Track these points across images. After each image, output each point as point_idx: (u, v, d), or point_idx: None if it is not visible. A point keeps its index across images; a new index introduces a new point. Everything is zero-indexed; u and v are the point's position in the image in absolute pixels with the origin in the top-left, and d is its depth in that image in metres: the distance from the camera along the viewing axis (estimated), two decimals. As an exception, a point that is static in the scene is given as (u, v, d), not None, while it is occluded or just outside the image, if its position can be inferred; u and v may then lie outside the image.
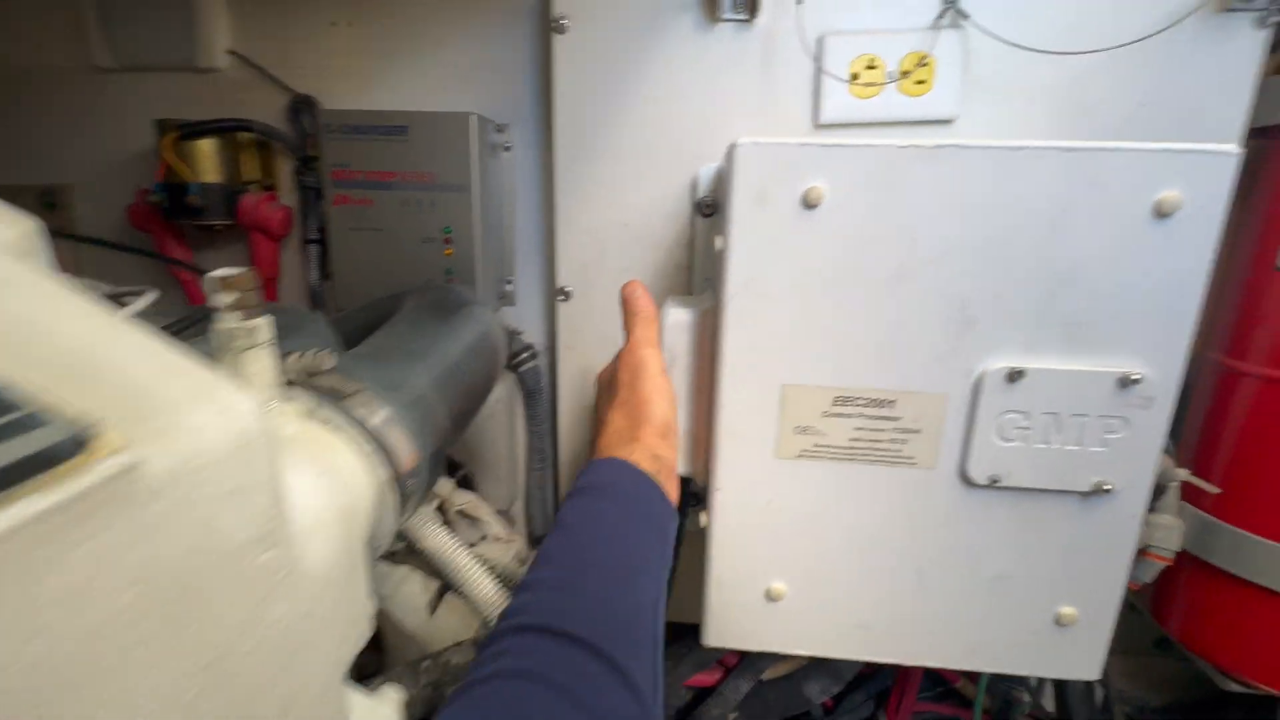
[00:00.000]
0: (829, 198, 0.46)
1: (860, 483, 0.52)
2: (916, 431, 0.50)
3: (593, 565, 0.37)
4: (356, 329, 0.46)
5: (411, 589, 0.47)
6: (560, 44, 0.68)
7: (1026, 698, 0.82)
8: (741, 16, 0.64)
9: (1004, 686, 0.82)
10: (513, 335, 0.85)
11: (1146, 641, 0.90)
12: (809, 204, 0.46)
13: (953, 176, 0.45)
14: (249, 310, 0.22)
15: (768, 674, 0.88)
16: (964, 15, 0.62)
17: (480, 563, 0.38)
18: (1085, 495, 0.50)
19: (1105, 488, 0.49)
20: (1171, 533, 0.63)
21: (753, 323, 0.49)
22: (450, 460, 0.63)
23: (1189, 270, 0.45)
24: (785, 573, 0.55)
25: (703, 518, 0.56)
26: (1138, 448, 0.48)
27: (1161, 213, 0.44)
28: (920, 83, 0.63)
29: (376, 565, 0.49)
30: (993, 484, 0.50)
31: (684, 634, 0.85)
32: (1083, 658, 0.55)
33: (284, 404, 0.26)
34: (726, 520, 0.54)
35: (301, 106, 0.81)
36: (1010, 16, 0.62)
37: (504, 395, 0.83)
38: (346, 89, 0.80)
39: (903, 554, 0.54)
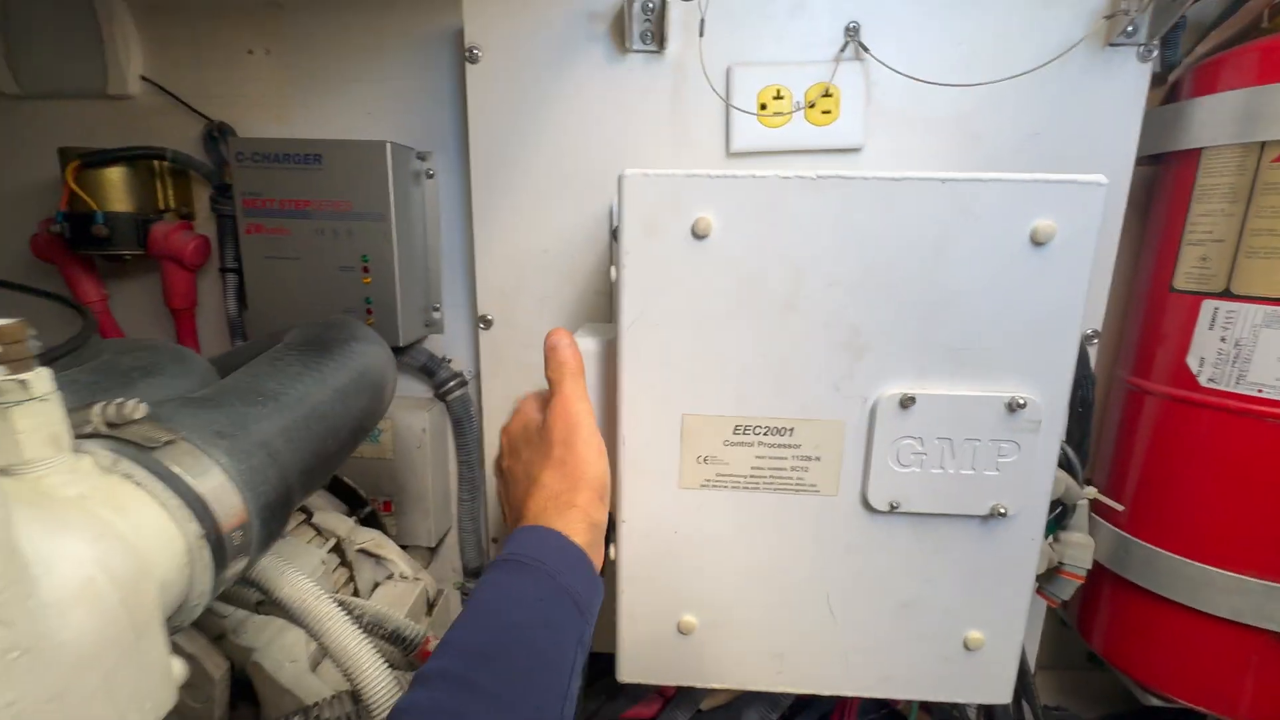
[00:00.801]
0: (718, 228, 0.46)
1: (765, 511, 0.52)
2: (816, 459, 0.50)
3: (499, 657, 0.35)
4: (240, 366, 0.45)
5: (290, 641, 0.45)
6: (473, 73, 0.68)
7: (970, 713, 0.81)
8: (650, 48, 0.65)
9: (943, 705, 0.82)
10: (441, 363, 0.83)
11: (1080, 657, 0.91)
12: (698, 234, 0.46)
13: (836, 207, 0.46)
14: (18, 363, 0.21)
15: (706, 704, 0.86)
16: (864, 48, 0.63)
17: (348, 613, 0.36)
18: (984, 519, 0.51)
19: (1001, 511, 0.50)
20: (1083, 551, 0.64)
21: (650, 353, 0.49)
22: (354, 494, 0.60)
23: (1067, 296, 0.46)
24: (696, 604, 0.54)
25: (612, 550, 0.54)
26: (1030, 471, 0.49)
27: (1037, 241, 0.45)
28: (826, 113, 0.65)
29: (251, 617, 0.46)
30: (893, 510, 0.50)
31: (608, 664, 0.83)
32: (993, 681, 0.54)
33: (72, 461, 0.24)
34: (634, 552, 0.53)
35: (217, 134, 0.79)
36: (908, 49, 0.64)
37: (430, 425, 0.81)
38: (264, 117, 0.79)
39: (811, 582, 0.53)
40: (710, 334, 0.48)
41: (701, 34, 0.61)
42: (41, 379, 0.22)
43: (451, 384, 0.82)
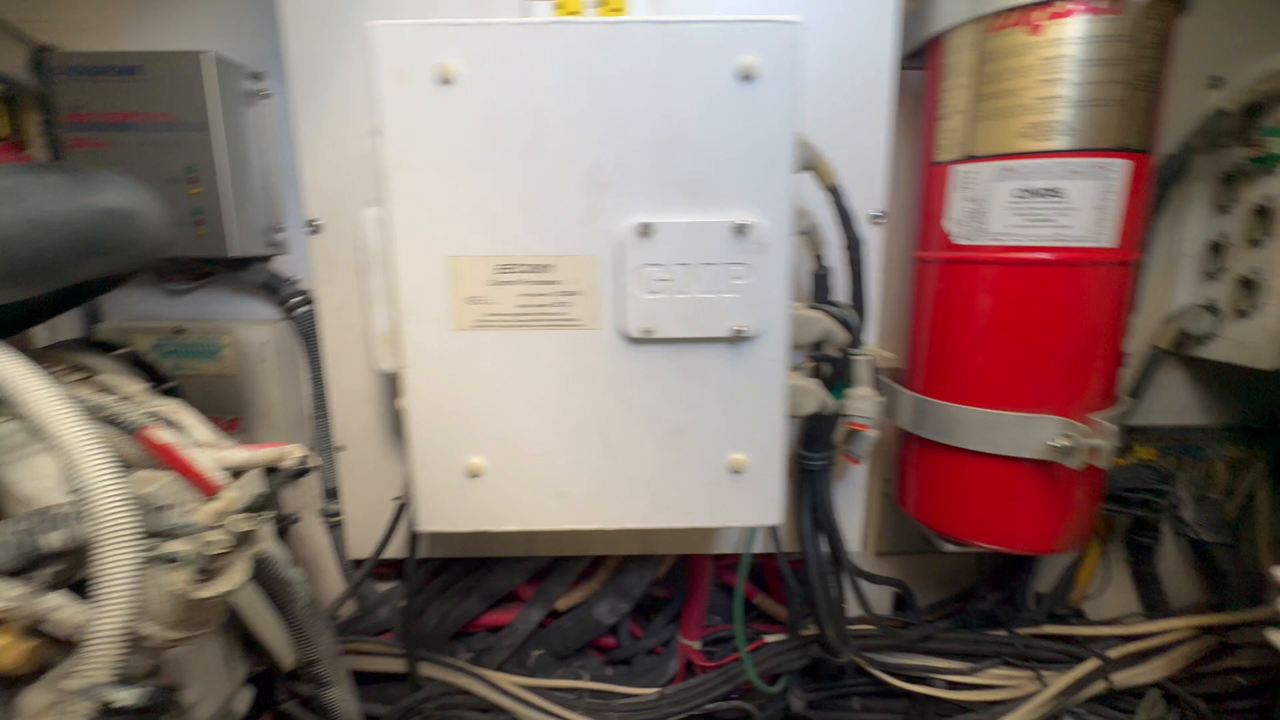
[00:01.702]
0: (462, 73, 0.51)
1: (535, 349, 0.56)
2: (577, 294, 0.55)
3: None
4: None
5: (41, 461, 0.46)
6: (284, -26, 0.71)
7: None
8: (449, -48, 0.69)
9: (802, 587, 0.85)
10: (284, 281, 0.85)
11: (920, 541, 0.97)
12: (445, 79, 0.51)
13: (566, 51, 0.50)
14: None
15: (561, 603, 0.89)
16: (644, -51, 0.69)
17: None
18: (731, 343, 0.56)
19: (741, 331, 0.55)
20: (866, 403, 0.69)
21: (412, 199, 0.53)
22: (155, 373, 0.62)
23: (777, 126, 0.52)
24: (481, 447, 0.58)
25: (400, 402, 0.57)
26: (764, 292, 0.54)
27: (745, 76, 0.51)
28: (615, 9, 0.70)
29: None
30: (647, 336, 0.55)
31: (464, 568, 0.84)
32: (761, 503, 0.59)
33: None
34: (420, 398, 0.57)
35: (44, 57, 0.80)
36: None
37: (274, 339, 0.83)
38: (94, 41, 0.80)
39: (585, 417, 0.57)
40: (465, 176, 0.52)
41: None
42: None
43: (296, 300, 0.84)
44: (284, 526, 0.95)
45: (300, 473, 0.49)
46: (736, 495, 0.59)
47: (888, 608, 0.98)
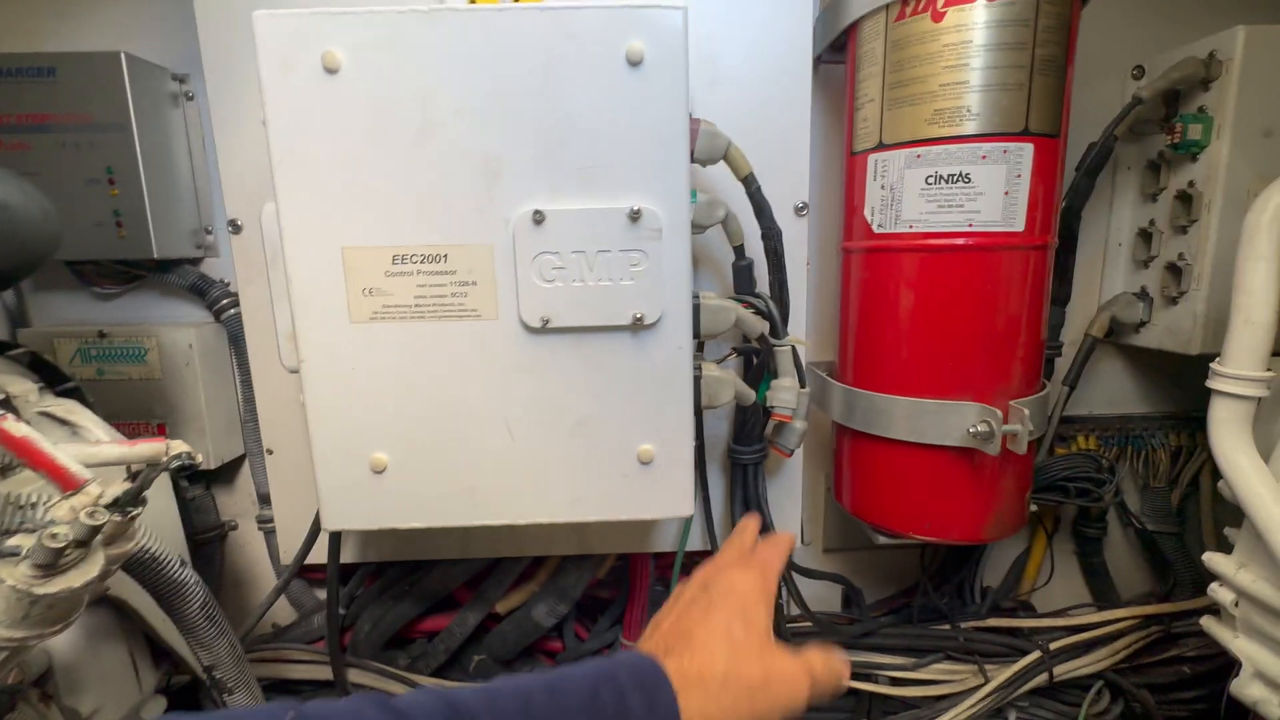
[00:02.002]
0: (347, 63, 0.50)
1: (434, 340, 0.55)
2: (474, 283, 0.54)
3: None
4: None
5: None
6: (196, -25, 0.70)
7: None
8: (363, -50, 0.69)
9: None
10: (213, 283, 0.84)
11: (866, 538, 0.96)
12: (329, 69, 0.50)
13: (453, 38, 0.50)
14: None
15: (502, 605, 0.88)
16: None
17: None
18: (633, 331, 0.55)
19: (643, 319, 0.54)
20: (789, 393, 0.69)
21: (303, 189, 0.52)
22: (56, 372, 0.61)
23: (669, 111, 0.51)
24: (384, 443, 0.57)
25: (301, 397, 0.56)
26: (663, 279, 0.54)
27: (633, 61, 0.50)
28: None
29: None
30: (545, 326, 0.54)
31: (400, 572, 0.83)
32: (672, 495, 0.58)
33: None
34: (318, 393, 0.55)
35: (-37, 62, 0.79)
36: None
37: (199, 342, 0.82)
38: (12, 44, 0.80)
39: (489, 409, 0.56)
40: (356, 166, 0.52)
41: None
42: None
43: (224, 302, 0.83)
44: (222, 534, 0.94)
45: (184, 469, 0.48)
46: (647, 487, 0.58)
47: (838, 604, 0.98)
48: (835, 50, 0.75)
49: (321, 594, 0.92)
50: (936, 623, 0.88)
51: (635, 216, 0.52)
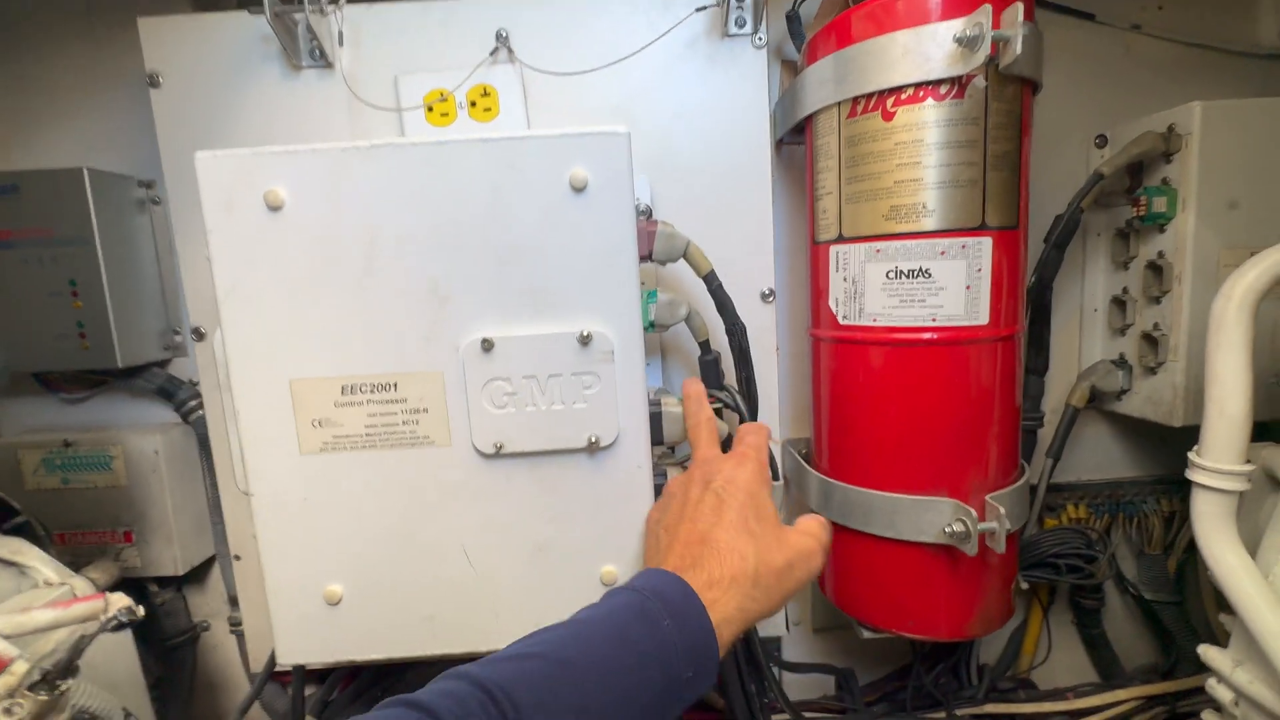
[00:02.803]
0: (289, 200, 0.50)
1: (388, 469, 0.54)
2: (425, 410, 0.53)
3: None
4: None
5: None
6: (157, 97, 0.71)
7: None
8: (320, 64, 0.70)
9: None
10: (181, 384, 0.83)
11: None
12: (272, 206, 0.50)
13: (395, 172, 0.50)
14: None
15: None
16: (511, 51, 0.70)
17: None
18: (590, 453, 0.54)
19: (598, 441, 0.53)
20: (761, 490, 0.67)
21: (249, 323, 0.51)
22: (3, 504, 0.59)
23: (616, 234, 0.51)
24: (339, 573, 0.55)
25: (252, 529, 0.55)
26: (618, 399, 0.53)
27: (576, 187, 0.50)
28: (487, 110, 0.71)
29: None
30: (499, 451, 0.53)
31: (376, 673, 0.81)
32: (638, 615, 0.56)
33: None
34: (269, 524, 0.54)
35: (-69, 178, 0.80)
36: (555, 49, 0.71)
37: (165, 447, 0.80)
38: (-18, 160, 0.81)
39: (446, 536, 0.55)
40: (302, 299, 0.51)
41: (341, 44, 0.66)
42: None
43: (192, 404, 0.82)
44: (194, 635, 0.91)
45: (125, 624, 0.46)
46: (611, 608, 0.56)
47: (831, 686, 0.94)
48: (797, 132, 0.75)
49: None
50: (932, 709, 0.85)
51: (585, 340, 0.51)
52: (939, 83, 0.58)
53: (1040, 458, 0.86)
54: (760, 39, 0.71)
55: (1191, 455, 0.61)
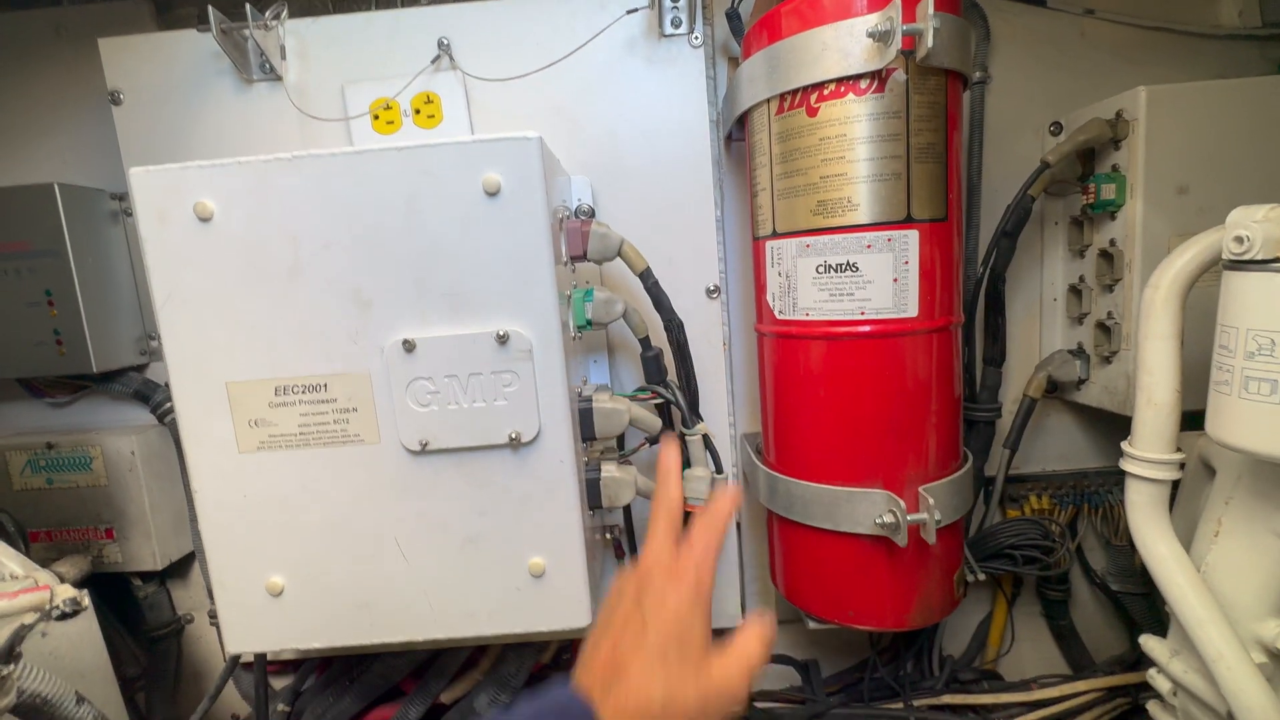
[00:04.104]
0: (217, 210, 0.52)
1: (321, 466, 0.56)
2: (354, 410, 0.55)
3: None
4: None
5: None
6: (119, 114, 0.74)
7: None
8: (271, 77, 0.73)
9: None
10: (156, 387, 0.87)
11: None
12: (202, 217, 0.52)
13: (316, 181, 0.52)
14: None
15: (446, 695, 0.87)
16: (452, 58, 0.72)
17: None
18: (514, 449, 0.55)
19: (519, 437, 0.54)
20: (701, 483, 0.69)
21: (185, 329, 0.54)
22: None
23: (530, 236, 0.52)
24: (280, 565, 0.57)
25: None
26: (538, 397, 0.54)
27: (490, 192, 0.52)
28: (431, 117, 0.72)
29: None
30: (425, 448, 0.55)
31: (347, 663, 0.84)
32: (566, 606, 0.58)
33: None
34: (212, 520, 0.57)
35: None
36: (494, 55, 0.72)
37: (141, 448, 0.84)
38: (-32, 177, 0.85)
39: (378, 530, 0.57)
40: (235, 305, 0.54)
41: (284, 57, 0.69)
42: None
43: (167, 405, 0.86)
44: (178, 628, 0.95)
45: (67, 615, 0.49)
46: (541, 599, 0.58)
47: (797, 677, 0.95)
48: (741, 128, 0.75)
49: (278, 684, 0.93)
50: (890, 699, 0.85)
51: (503, 339, 0.53)
52: (859, 77, 0.58)
53: (998, 449, 0.85)
54: (696, 38, 0.72)
55: (1124, 445, 0.60)
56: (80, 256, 0.79)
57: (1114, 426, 0.89)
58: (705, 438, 0.70)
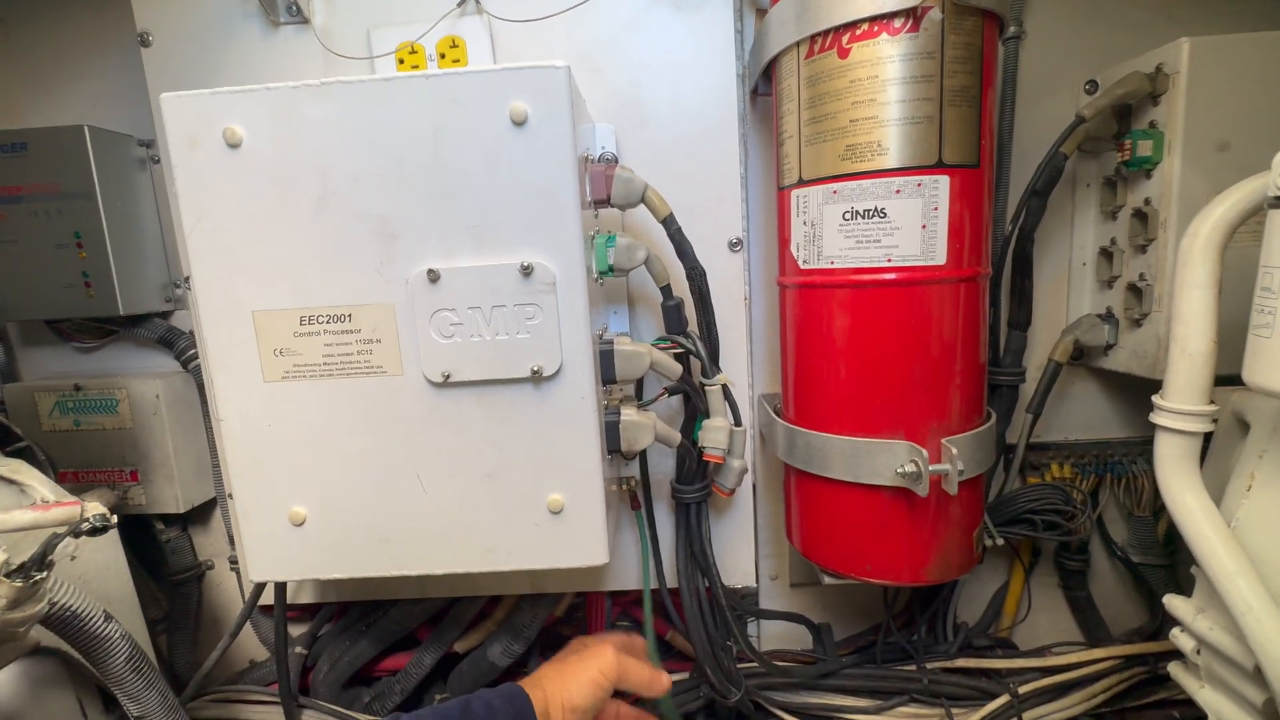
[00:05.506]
0: (247, 137, 0.52)
1: (344, 397, 0.56)
2: (378, 341, 0.55)
3: None
4: None
5: None
6: (148, 56, 0.75)
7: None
8: (298, 20, 0.73)
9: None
10: (181, 334, 0.88)
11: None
12: (231, 144, 0.53)
13: (344, 109, 0.52)
14: None
15: (460, 645, 0.88)
16: (479, 2, 0.71)
17: None
18: (535, 383, 0.55)
19: (541, 371, 0.54)
20: (719, 433, 0.69)
21: (213, 256, 0.55)
22: (8, 432, 0.64)
23: (557, 168, 0.52)
24: (302, 496, 0.58)
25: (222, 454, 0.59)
26: (560, 330, 0.54)
27: (516, 121, 0.51)
28: (456, 61, 0.72)
29: None
30: (447, 380, 0.55)
31: (363, 610, 0.85)
32: (584, 543, 0.58)
33: None
34: (238, 450, 0.58)
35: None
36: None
37: (165, 391, 0.85)
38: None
39: (399, 463, 0.57)
40: (261, 234, 0.54)
41: (312, -4, 0.69)
42: None
43: (190, 352, 0.87)
44: (199, 573, 0.97)
45: (98, 530, 0.50)
46: (559, 536, 0.58)
47: (809, 640, 0.95)
48: (767, 81, 0.74)
49: (295, 631, 0.95)
50: (903, 662, 0.85)
51: (527, 271, 0.53)
52: (893, 15, 0.57)
53: (1021, 415, 0.84)
54: (713, -16, 0.71)
55: (1155, 399, 0.59)
56: (109, 200, 0.80)
57: (1139, 396, 0.87)
58: (725, 388, 0.69)
